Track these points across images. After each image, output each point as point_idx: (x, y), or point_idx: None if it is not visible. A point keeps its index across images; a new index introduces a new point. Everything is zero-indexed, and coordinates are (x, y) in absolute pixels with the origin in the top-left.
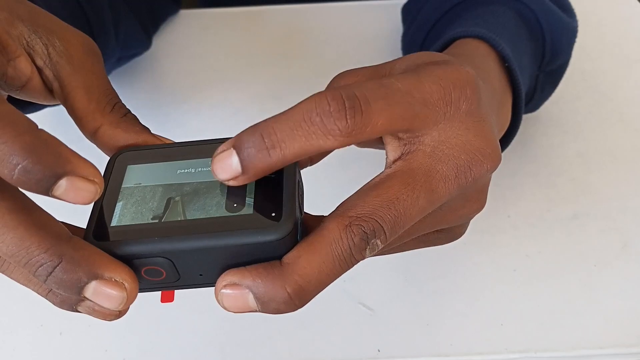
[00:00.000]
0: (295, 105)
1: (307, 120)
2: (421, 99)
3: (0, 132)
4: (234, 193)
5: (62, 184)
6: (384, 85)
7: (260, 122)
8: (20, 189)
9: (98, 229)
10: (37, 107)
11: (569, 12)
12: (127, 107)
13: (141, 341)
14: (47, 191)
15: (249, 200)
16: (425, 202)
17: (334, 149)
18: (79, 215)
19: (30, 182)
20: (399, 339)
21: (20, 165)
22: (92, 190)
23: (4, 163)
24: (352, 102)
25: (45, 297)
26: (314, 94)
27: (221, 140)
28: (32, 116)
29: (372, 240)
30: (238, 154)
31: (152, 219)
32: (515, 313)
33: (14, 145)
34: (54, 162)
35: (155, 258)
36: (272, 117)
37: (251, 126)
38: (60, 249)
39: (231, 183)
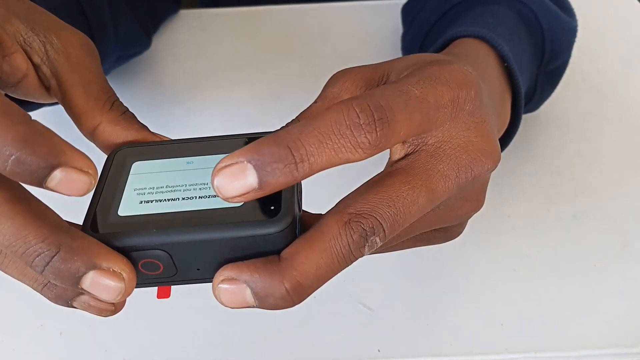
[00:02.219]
0: (320, 115)
1: (337, 132)
2: (435, 103)
3: None
4: None
5: (57, 175)
6: (403, 93)
7: (280, 132)
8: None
9: (95, 221)
10: (33, 107)
11: (569, 12)
12: (127, 106)
13: (141, 341)
14: (41, 183)
15: None
16: (425, 201)
17: (357, 161)
18: (76, 213)
19: (24, 174)
20: (399, 339)
21: (13, 156)
22: (87, 182)
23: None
24: (380, 113)
25: (40, 291)
26: (338, 104)
27: (221, 139)
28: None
29: (371, 238)
30: (257, 168)
31: (149, 211)
32: (515, 313)
33: (7, 136)
34: (48, 153)
35: (153, 250)
36: (294, 127)
37: (270, 137)
38: (58, 239)
39: (238, 200)
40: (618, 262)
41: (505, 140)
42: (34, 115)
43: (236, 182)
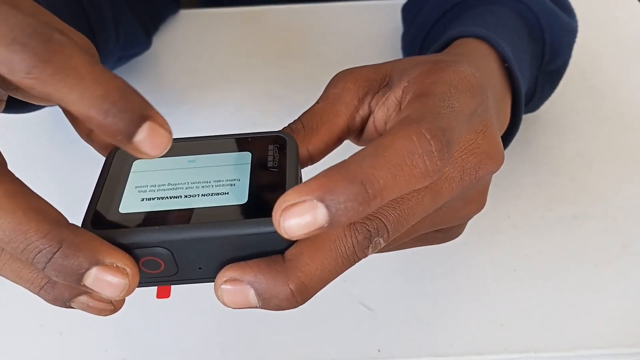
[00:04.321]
0: (388, 144)
1: (410, 163)
2: (468, 112)
3: (97, 75)
4: (237, 184)
5: (145, 129)
6: (449, 108)
7: (350, 166)
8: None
9: (96, 217)
10: (34, 107)
11: (569, 12)
12: None
13: (141, 341)
14: (131, 137)
15: (252, 190)
16: (429, 203)
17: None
18: (75, 211)
19: (119, 123)
20: (399, 339)
21: (115, 103)
22: (168, 138)
23: (99, 104)
24: (446, 136)
25: (37, 293)
26: (404, 130)
27: (222, 138)
28: (30, 115)
29: (375, 239)
30: (329, 207)
31: (151, 208)
32: (515, 313)
33: (109, 85)
34: (142, 104)
35: (154, 248)
36: (364, 159)
37: (340, 172)
38: (59, 234)
39: (301, 237)
40: (618, 262)
41: (505, 140)
42: (34, 115)
43: (304, 221)
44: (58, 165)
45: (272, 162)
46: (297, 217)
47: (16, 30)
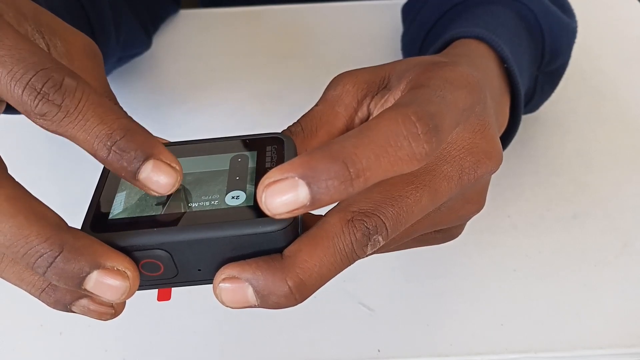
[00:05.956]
0: (373, 126)
1: (394, 144)
2: (461, 107)
3: (104, 116)
4: (235, 185)
5: (148, 166)
6: (442, 98)
7: (333, 145)
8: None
9: (96, 221)
10: None
11: (569, 12)
12: (127, 107)
13: (141, 341)
14: (136, 174)
15: (250, 191)
16: (428, 201)
17: (407, 172)
18: (75, 214)
19: (122, 161)
20: (399, 339)
21: (117, 143)
22: (174, 177)
23: (103, 143)
24: (434, 121)
25: (38, 297)
26: (390, 113)
27: (221, 140)
28: None
29: (374, 237)
30: (310, 185)
31: (150, 211)
32: (515, 313)
33: (114, 125)
34: (145, 143)
35: (153, 250)
36: (347, 140)
37: (323, 151)
38: (60, 238)
39: (285, 216)
40: (618, 262)
41: (504, 141)
42: None
43: (286, 198)
44: (58, 165)
45: (270, 163)
46: (279, 194)
47: (31, 74)
